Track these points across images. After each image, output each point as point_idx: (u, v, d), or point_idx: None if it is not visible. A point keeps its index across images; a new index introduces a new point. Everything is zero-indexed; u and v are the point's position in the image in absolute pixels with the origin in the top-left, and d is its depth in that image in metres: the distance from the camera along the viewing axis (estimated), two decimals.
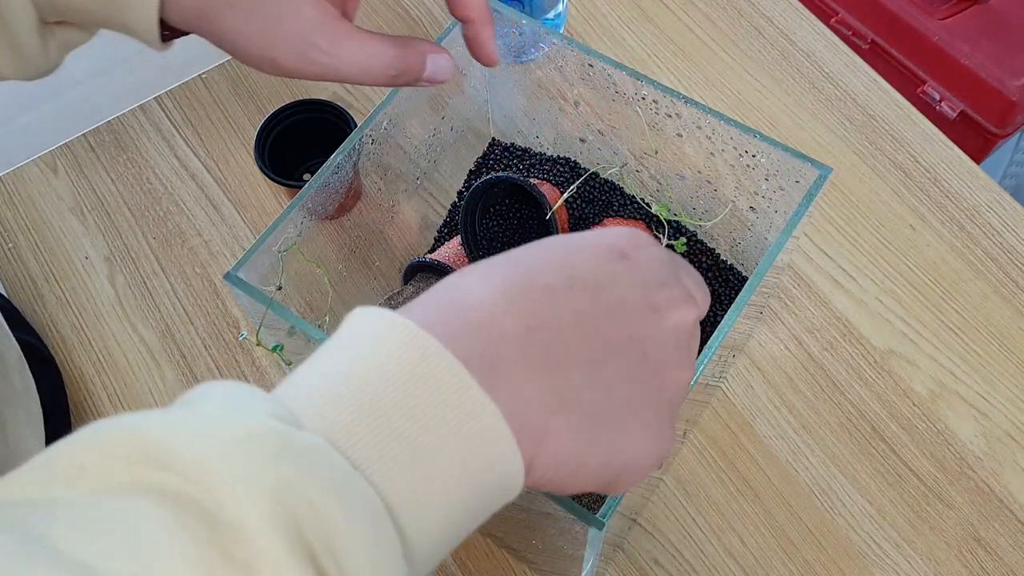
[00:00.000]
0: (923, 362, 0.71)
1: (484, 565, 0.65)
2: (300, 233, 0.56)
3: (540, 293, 0.33)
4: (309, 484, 0.25)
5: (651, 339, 0.34)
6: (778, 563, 0.64)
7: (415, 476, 0.28)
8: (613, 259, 0.35)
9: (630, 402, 0.34)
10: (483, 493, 0.30)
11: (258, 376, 0.72)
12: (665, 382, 0.35)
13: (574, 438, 0.32)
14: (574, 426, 0.32)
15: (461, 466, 0.29)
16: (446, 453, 0.29)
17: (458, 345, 0.30)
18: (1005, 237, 0.76)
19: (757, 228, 0.64)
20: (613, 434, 0.33)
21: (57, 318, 0.75)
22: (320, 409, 0.28)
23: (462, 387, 0.29)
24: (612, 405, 0.33)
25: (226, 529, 0.24)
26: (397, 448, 0.28)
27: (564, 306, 0.33)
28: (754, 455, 0.68)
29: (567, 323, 0.32)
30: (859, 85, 0.84)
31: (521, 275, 0.33)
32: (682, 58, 0.86)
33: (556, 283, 0.33)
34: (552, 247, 0.35)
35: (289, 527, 0.25)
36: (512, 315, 0.32)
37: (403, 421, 0.28)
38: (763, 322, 0.73)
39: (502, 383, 0.30)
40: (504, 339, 0.31)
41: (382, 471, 0.28)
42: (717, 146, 0.59)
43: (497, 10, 0.61)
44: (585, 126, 0.68)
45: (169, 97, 0.86)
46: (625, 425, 0.34)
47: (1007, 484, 0.66)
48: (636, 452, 0.34)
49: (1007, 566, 0.64)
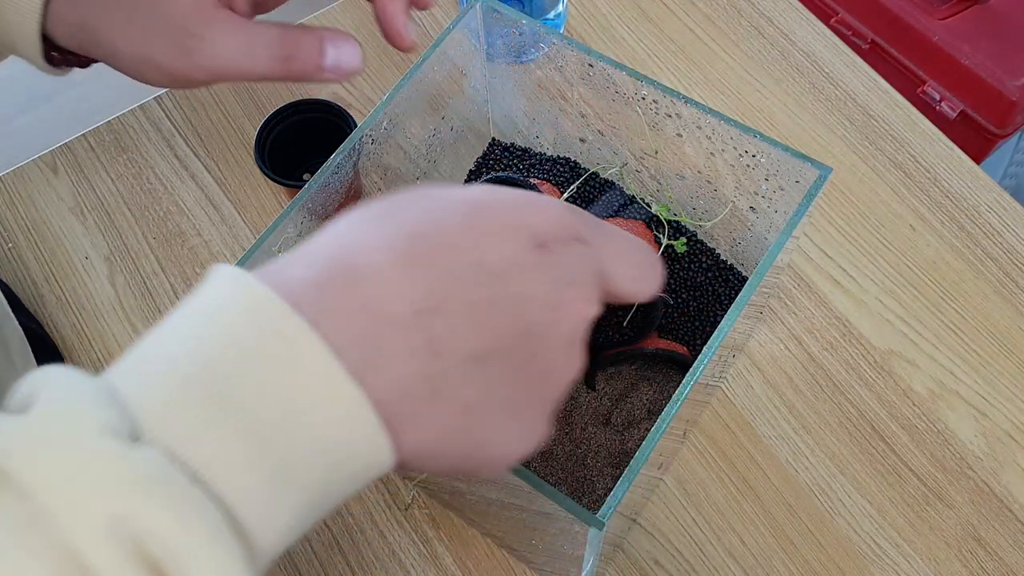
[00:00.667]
0: (923, 362, 0.71)
1: (484, 565, 0.65)
2: (300, 233, 0.56)
3: (440, 274, 0.30)
4: (144, 513, 0.24)
5: (544, 340, 0.32)
6: (778, 563, 0.64)
7: (267, 477, 0.27)
8: (530, 248, 0.32)
9: (508, 403, 0.32)
10: (344, 479, 0.29)
11: None
12: (549, 383, 0.33)
13: (440, 431, 0.30)
14: (442, 419, 0.30)
15: (322, 456, 0.28)
16: (306, 447, 0.27)
17: (335, 326, 0.28)
18: (1005, 237, 0.76)
19: (757, 228, 0.64)
20: (483, 432, 0.32)
21: (57, 318, 0.75)
22: (161, 413, 0.26)
23: (329, 376, 0.27)
24: (489, 404, 0.31)
25: (70, 555, 0.24)
26: (246, 447, 0.27)
27: (462, 294, 0.30)
28: (754, 455, 0.68)
29: (461, 312, 0.30)
30: (859, 85, 0.84)
31: (426, 249, 0.30)
32: (682, 58, 0.86)
33: (460, 267, 0.31)
34: (467, 218, 0.32)
35: (129, 552, 0.24)
36: (404, 296, 0.29)
37: (257, 413, 0.27)
38: (763, 322, 0.73)
39: (377, 370, 0.29)
40: (389, 323, 0.29)
41: (226, 476, 0.26)
42: (717, 146, 0.59)
43: (497, 10, 0.61)
44: (585, 126, 0.68)
45: (169, 97, 0.86)
46: (498, 424, 0.32)
47: (1007, 484, 0.66)
48: (505, 449, 0.33)
49: (1007, 566, 0.64)
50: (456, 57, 0.62)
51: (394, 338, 0.29)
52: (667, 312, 0.68)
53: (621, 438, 0.66)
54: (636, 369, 0.69)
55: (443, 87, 0.64)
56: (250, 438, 0.27)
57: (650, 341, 0.66)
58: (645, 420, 0.67)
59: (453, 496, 0.63)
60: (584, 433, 0.66)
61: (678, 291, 0.69)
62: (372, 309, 0.29)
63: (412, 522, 0.66)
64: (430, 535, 0.66)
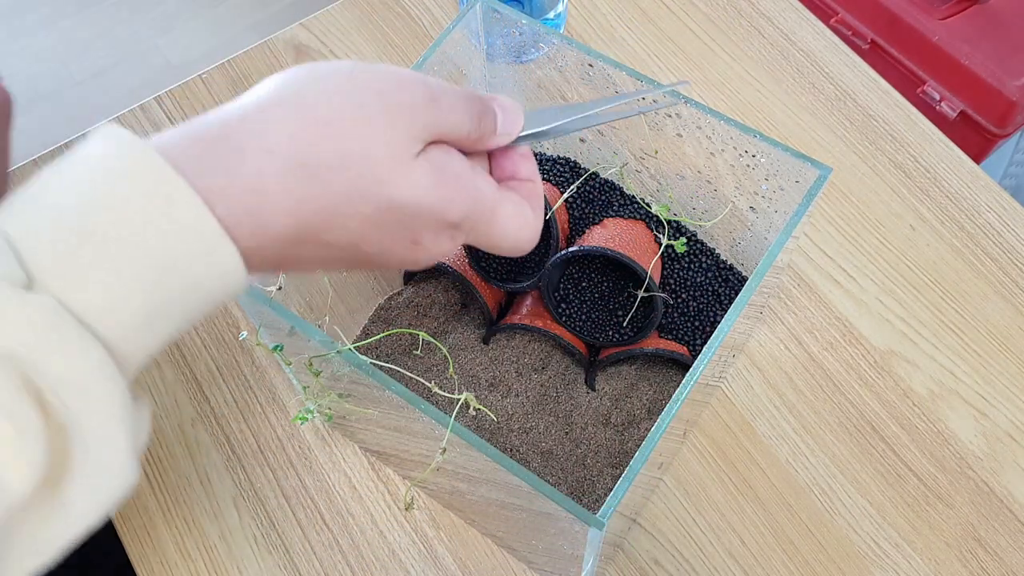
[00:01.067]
0: (923, 362, 0.71)
1: (484, 565, 0.65)
2: None
3: (323, 204, 0.34)
4: (39, 352, 0.28)
5: (390, 260, 0.38)
6: (778, 563, 0.64)
7: (144, 315, 0.31)
8: (412, 238, 0.37)
9: (376, 257, 0.37)
10: (207, 303, 0.33)
11: (258, 376, 0.72)
12: (384, 264, 0.38)
13: (305, 265, 0.36)
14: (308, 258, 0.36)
15: (192, 292, 0.32)
16: (178, 284, 0.31)
17: (209, 183, 0.32)
18: (1005, 237, 0.76)
19: (757, 228, 0.64)
20: (346, 267, 0.38)
21: None
22: (50, 265, 0.29)
23: (200, 224, 0.31)
24: (328, 264, 0.37)
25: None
26: (128, 292, 0.30)
27: (335, 217, 0.34)
28: (754, 455, 0.68)
29: (330, 226, 0.35)
30: (859, 85, 0.84)
31: (317, 193, 0.34)
32: (682, 58, 0.86)
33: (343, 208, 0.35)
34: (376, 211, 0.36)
35: (19, 383, 0.28)
36: (286, 196, 0.33)
37: (136, 260, 0.30)
38: (763, 322, 0.73)
39: (250, 229, 0.33)
40: (263, 193, 0.33)
41: (108, 318, 0.30)
42: (717, 146, 0.59)
43: (497, 10, 0.61)
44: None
45: (169, 97, 0.86)
46: (359, 265, 0.38)
47: (1007, 484, 0.66)
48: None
49: (1007, 566, 0.64)
50: (456, 57, 0.62)
51: (273, 205, 0.33)
52: (667, 312, 0.68)
53: (621, 438, 0.66)
54: (636, 369, 0.69)
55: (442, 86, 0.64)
56: (132, 283, 0.30)
57: (650, 341, 0.67)
58: (645, 420, 0.67)
59: (453, 496, 0.63)
60: (584, 433, 0.66)
61: (678, 291, 0.69)
62: (252, 187, 0.33)
63: (412, 522, 0.66)
64: (430, 535, 0.66)
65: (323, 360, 0.53)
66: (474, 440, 0.46)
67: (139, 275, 0.30)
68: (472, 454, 0.47)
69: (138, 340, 0.31)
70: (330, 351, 0.49)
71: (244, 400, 0.71)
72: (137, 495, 0.67)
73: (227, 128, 0.33)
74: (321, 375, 0.56)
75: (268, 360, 0.73)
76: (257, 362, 0.73)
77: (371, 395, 0.53)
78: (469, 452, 0.47)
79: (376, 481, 0.68)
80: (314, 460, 0.68)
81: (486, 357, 0.69)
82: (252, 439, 0.69)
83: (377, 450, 0.67)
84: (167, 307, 0.31)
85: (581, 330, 0.67)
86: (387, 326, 0.69)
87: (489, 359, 0.69)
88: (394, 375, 0.64)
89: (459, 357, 0.69)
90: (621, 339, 0.66)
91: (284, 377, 0.72)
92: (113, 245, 0.30)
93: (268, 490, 0.67)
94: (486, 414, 0.66)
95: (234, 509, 0.67)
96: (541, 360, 0.69)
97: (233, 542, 0.66)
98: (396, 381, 0.48)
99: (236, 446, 0.69)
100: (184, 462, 0.69)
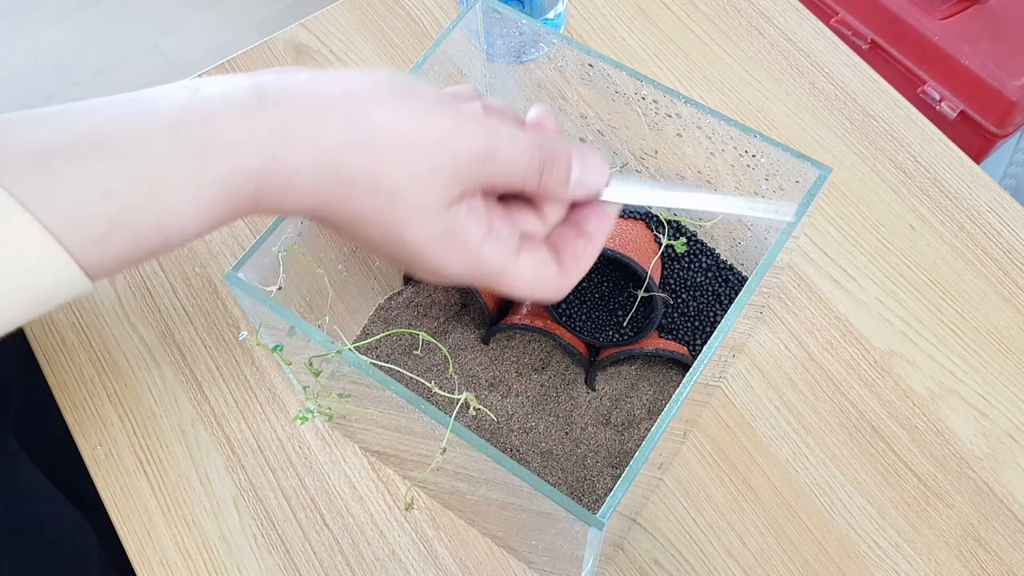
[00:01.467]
0: (923, 362, 0.71)
1: (484, 565, 0.65)
2: (300, 233, 0.56)
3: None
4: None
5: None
6: (778, 563, 0.64)
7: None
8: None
9: (380, 257, 0.40)
10: (41, 305, 0.32)
11: (258, 376, 0.72)
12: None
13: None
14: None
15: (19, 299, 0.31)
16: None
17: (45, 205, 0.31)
18: (1005, 237, 0.76)
19: (757, 228, 0.64)
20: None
21: (57, 318, 0.75)
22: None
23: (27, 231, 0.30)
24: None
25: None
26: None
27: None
28: (754, 455, 0.68)
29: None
30: (859, 85, 0.84)
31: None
32: (682, 58, 0.86)
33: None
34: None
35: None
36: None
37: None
38: (763, 322, 0.73)
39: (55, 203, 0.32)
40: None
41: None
42: (717, 146, 0.59)
43: (497, 10, 0.61)
44: (585, 126, 0.68)
45: None
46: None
47: (1007, 484, 0.66)
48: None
49: (1007, 566, 0.64)
50: (456, 57, 0.62)
51: (299, 198, 0.35)
52: (667, 312, 0.68)
53: (621, 438, 0.66)
54: (636, 369, 0.69)
55: (443, 87, 0.64)
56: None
57: (650, 341, 0.67)
58: (645, 420, 0.67)
59: (453, 496, 0.63)
60: (584, 433, 0.66)
61: (678, 291, 0.69)
62: (288, 177, 0.35)
63: (412, 522, 0.66)
64: (430, 535, 0.66)
65: (323, 360, 0.53)
66: (474, 440, 0.46)
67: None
68: (472, 454, 0.47)
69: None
70: (330, 351, 0.49)
71: (244, 400, 0.71)
72: (137, 495, 0.67)
73: (300, 104, 0.35)
74: (321, 375, 0.56)
75: (268, 360, 0.73)
76: (257, 362, 0.73)
77: (371, 395, 0.53)
78: (469, 452, 0.47)
79: (376, 481, 0.68)
80: (314, 460, 0.68)
81: (486, 357, 0.69)
82: (252, 439, 0.69)
83: (377, 450, 0.67)
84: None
85: (581, 330, 0.67)
86: (387, 326, 0.69)
87: (489, 359, 0.69)
88: (394, 375, 0.64)
89: (459, 357, 0.69)
90: (621, 339, 0.66)
91: (284, 377, 0.72)
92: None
93: (268, 490, 0.67)
94: (486, 414, 0.66)
95: (234, 509, 0.67)
96: (541, 360, 0.69)
97: (233, 542, 0.66)
98: (396, 381, 0.48)
99: (236, 446, 0.69)
100: (184, 462, 0.69)
